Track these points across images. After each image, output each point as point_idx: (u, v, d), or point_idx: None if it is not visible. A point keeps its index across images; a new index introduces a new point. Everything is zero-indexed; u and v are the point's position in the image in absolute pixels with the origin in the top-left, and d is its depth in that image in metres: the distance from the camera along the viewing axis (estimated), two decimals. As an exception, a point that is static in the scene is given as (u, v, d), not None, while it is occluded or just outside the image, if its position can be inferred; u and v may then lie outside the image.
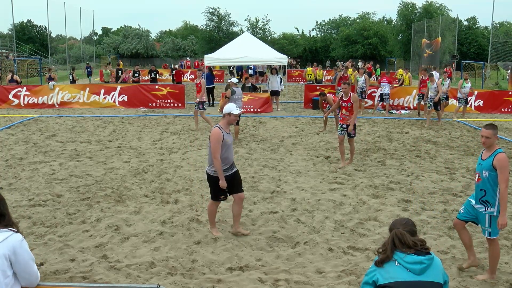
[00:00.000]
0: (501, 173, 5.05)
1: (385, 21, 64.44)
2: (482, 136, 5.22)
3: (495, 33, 42.90)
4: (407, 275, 3.08)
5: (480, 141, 5.28)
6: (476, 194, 5.34)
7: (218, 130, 6.25)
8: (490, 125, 5.28)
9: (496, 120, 17.63)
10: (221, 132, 6.22)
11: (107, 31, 78.84)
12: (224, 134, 6.25)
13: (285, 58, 21.60)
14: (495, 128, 5.24)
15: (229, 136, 6.37)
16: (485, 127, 5.24)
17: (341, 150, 10.47)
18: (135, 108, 19.84)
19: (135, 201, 8.00)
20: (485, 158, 5.22)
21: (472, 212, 5.42)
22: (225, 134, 6.29)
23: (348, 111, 10.25)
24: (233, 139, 6.68)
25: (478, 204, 5.30)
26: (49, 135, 13.78)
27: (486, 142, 5.20)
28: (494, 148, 5.21)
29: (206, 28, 61.62)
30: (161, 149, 12.07)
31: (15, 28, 45.81)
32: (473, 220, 5.46)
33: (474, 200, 5.39)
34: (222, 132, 6.24)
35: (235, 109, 6.40)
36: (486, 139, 5.18)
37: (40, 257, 5.79)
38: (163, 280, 5.30)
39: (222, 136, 6.21)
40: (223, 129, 6.31)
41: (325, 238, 6.51)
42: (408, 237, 3.18)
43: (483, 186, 5.21)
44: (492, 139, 5.17)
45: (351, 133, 10.30)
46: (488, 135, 5.16)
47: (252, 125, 16.00)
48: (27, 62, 35.39)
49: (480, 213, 5.31)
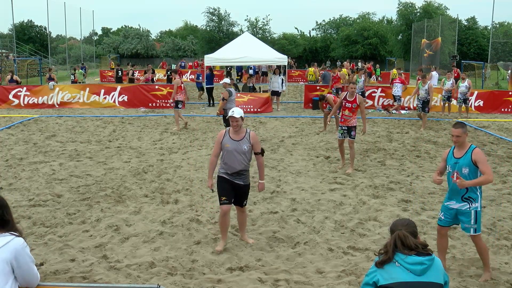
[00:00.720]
0: (483, 165, 5.18)
1: (385, 21, 64.44)
2: (453, 136, 5.32)
3: (495, 33, 42.94)
4: (407, 276, 3.08)
5: (452, 140, 5.34)
6: (455, 193, 5.34)
7: (222, 131, 6.11)
8: (459, 123, 5.44)
9: (496, 120, 17.63)
10: (222, 134, 6.04)
11: (107, 31, 78.82)
12: (225, 137, 5.99)
13: (285, 58, 21.61)
14: (465, 126, 5.40)
15: (233, 142, 5.94)
16: (455, 127, 5.35)
17: (341, 150, 10.32)
18: (135, 108, 19.84)
19: (135, 201, 8.00)
20: (461, 156, 5.29)
21: (452, 216, 5.44)
22: (227, 138, 5.98)
23: (352, 112, 9.84)
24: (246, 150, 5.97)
25: (461, 203, 5.32)
26: (49, 135, 13.78)
27: (458, 140, 5.30)
28: (467, 145, 5.33)
29: (206, 28, 61.64)
30: (161, 149, 12.08)
31: (15, 28, 45.79)
32: (455, 223, 5.52)
33: (453, 201, 5.39)
34: (224, 134, 6.02)
35: (231, 112, 5.99)
36: (457, 137, 5.29)
37: (40, 257, 5.79)
38: (163, 280, 5.30)
39: (222, 138, 6.00)
40: (229, 132, 6.02)
41: (325, 238, 6.51)
42: (411, 239, 3.18)
43: None
44: (463, 137, 5.28)
45: (352, 134, 9.88)
46: (459, 134, 5.28)
47: (252, 125, 16.00)
48: (27, 62, 35.39)
49: (463, 212, 5.33)
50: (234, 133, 5.97)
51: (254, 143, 6.02)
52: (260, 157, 6.15)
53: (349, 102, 9.85)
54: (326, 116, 15.31)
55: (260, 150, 6.09)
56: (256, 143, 6.04)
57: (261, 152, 6.13)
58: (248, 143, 5.97)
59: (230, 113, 5.93)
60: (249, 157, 6.07)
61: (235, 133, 5.97)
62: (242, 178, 6.05)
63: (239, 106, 19.01)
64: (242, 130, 6.02)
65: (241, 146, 5.92)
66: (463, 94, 17.62)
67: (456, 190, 5.31)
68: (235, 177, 6.01)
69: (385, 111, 19.61)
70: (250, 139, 5.99)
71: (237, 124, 5.90)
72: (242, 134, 5.99)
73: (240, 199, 6.18)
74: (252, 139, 6.00)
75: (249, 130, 6.08)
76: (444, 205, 5.52)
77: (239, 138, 5.96)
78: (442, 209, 5.57)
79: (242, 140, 5.95)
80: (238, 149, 5.91)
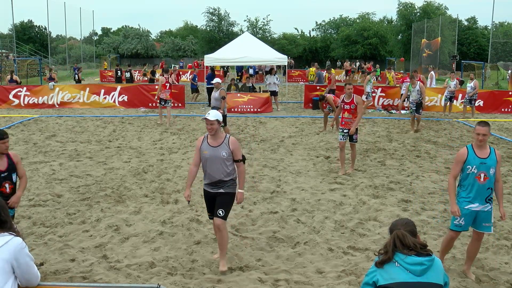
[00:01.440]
0: (499, 166, 5.20)
1: (385, 21, 64.45)
2: (479, 134, 5.16)
3: (495, 33, 42.92)
4: (407, 276, 3.08)
5: (477, 139, 5.18)
6: (480, 195, 5.20)
7: (200, 137, 5.62)
8: (485, 122, 5.30)
9: (496, 120, 17.63)
10: (201, 140, 5.55)
11: (107, 31, 78.81)
12: (203, 143, 5.49)
13: (285, 58, 21.62)
14: (489, 125, 5.30)
15: (211, 149, 5.43)
16: (482, 125, 5.20)
17: (341, 156, 9.79)
18: (135, 108, 19.84)
19: (135, 201, 8.01)
20: (487, 156, 5.17)
21: (472, 219, 5.29)
22: (205, 144, 5.47)
23: (351, 113, 9.59)
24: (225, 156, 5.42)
25: (485, 204, 5.23)
26: (49, 135, 13.78)
27: (484, 139, 5.18)
28: (486, 145, 5.25)
29: (206, 28, 61.67)
30: (161, 149, 12.08)
31: (15, 28, 45.81)
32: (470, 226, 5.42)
33: (476, 203, 5.21)
34: (203, 140, 5.53)
35: (206, 114, 5.47)
36: (484, 136, 5.17)
37: (40, 257, 5.80)
38: (163, 280, 5.31)
39: (200, 144, 5.51)
40: (208, 138, 5.51)
41: (325, 238, 6.52)
42: (409, 238, 3.18)
43: (490, 184, 5.19)
44: (488, 136, 5.21)
45: (353, 138, 9.65)
46: (486, 132, 5.17)
47: (252, 125, 16.00)
48: (27, 62, 35.39)
49: (484, 213, 5.25)
50: (211, 138, 5.46)
51: (234, 149, 5.45)
52: (241, 165, 5.54)
53: (347, 104, 9.63)
54: (326, 116, 15.32)
55: (241, 157, 5.51)
56: (237, 149, 5.46)
57: (242, 160, 5.55)
58: (227, 149, 5.41)
59: (206, 115, 5.42)
60: (231, 166, 5.48)
61: (212, 138, 5.45)
62: (222, 187, 5.49)
63: (239, 106, 19.10)
64: (221, 136, 5.48)
65: (219, 152, 5.39)
66: (468, 95, 17.73)
67: (483, 191, 5.17)
68: (217, 188, 5.49)
69: (385, 111, 19.61)
70: (230, 144, 5.44)
71: (212, 128, 5.36)
72: (220, 140, 5.45)
73: (216, 208, 5.47)
74: (232, 144, 5.44)
75: (228, 135, 5.54)
76: (465, 209, 5.22)
77: (217, 144, 5.43)
78: (463, 215, 5.26)
79: (221, 146, 5.41)
80: (216, 156, 5.39)
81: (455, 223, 5.34)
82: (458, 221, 5.31)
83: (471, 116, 17.86)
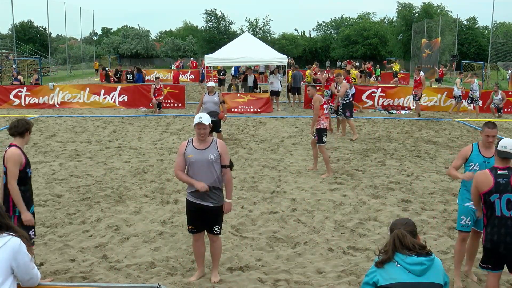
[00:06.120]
0: None
1: (385, 22, 64.48)
2: (488, 136, 5.10)
3: (495, 33, 42.94)
4: (407, 276, 3.08)
5: (487, 141, 5.11)
6: None
7: (184, 142, 5.30)
8: (493, 123, 5.25)
9: (496, 120, 17.62)
10: (185, 145, 5.21)
11: (107, 31, 78.87)
12: (187, 147, 5.15)
13: (285, 58, 21.61)
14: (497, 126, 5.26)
15: (197, 152, 5.09)
16: (491, 127, 5.14)
17: (313, 152, 10.22)
18: (135, 108, 19.84)
19: (135, 201, 8.01)
20: (491, 156, 5.13)
21: (474, 218, 5.26)
22: (190, 148, 5.14)
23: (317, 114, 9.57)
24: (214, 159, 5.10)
25: None
26: (49, 135, 13.78)
27: (493, 141, 5.14)
28: (493, 145, 5.20)
29: (206, 28, 61.76)
30: (161, 149, 12.08)
31: (15, 28, 45.78)
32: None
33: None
34: (187, 144, 5.20)
35: (198, 118, 5.10)
36: (493, 138, 5.14)
37: (40, 257, 5.80)
38: (163, 280, 5.31)
39: (184, 149, 5.16)
40: (193, 141, 5.20)
41: (325, 238, 6.51)
42: (409, 238, 3.18)
43: None
44: (496, 137, 5.16)
45: (315, 137, 9.67)
46: (495, 134, 5.13)
47: (252, 125, 16.00)
48: (27, 62, 35.40)
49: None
50: (198, 141, 5.14)
51: (222, 152, 5.15)
52: (228, 171, 5.19)
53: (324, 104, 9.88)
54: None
55: (228, 163, 5.19)
56: (225, 153, 5.17)
57: (230, 166, 5.22)
58: (216, 152, 5.11)
59: (197, 119, 5.06)
60: (218, 171, 5.14)
61: (199, 141, 5.14)
62: (212, 198, 5.13)
63: (239, 106, 19.11)
64: (208, 139, 5.18)
65: (207, 155, 5.08)
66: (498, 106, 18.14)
67: None
68: (204, 198, 5.11)
69: (385, 111, 19.60)
70: (218, 147, 5.15)
71: (205, 132, 5.08)
72: (208, 143, 5.14)
73: (210, 225, 5.23)
74: (220, 148, 5.14)
75: (216, 139, 5.26)
76: (471, 208, 5.15)
77: (205, 146, 5.12)
78: (466, 214, 5.22)
79: (208, 149, 5.11)
80: (203, 159, 5.07)
81: (461, 224, 5.31)
82: (464, 221, 5.28)
83: (475, 117, 17.89)
